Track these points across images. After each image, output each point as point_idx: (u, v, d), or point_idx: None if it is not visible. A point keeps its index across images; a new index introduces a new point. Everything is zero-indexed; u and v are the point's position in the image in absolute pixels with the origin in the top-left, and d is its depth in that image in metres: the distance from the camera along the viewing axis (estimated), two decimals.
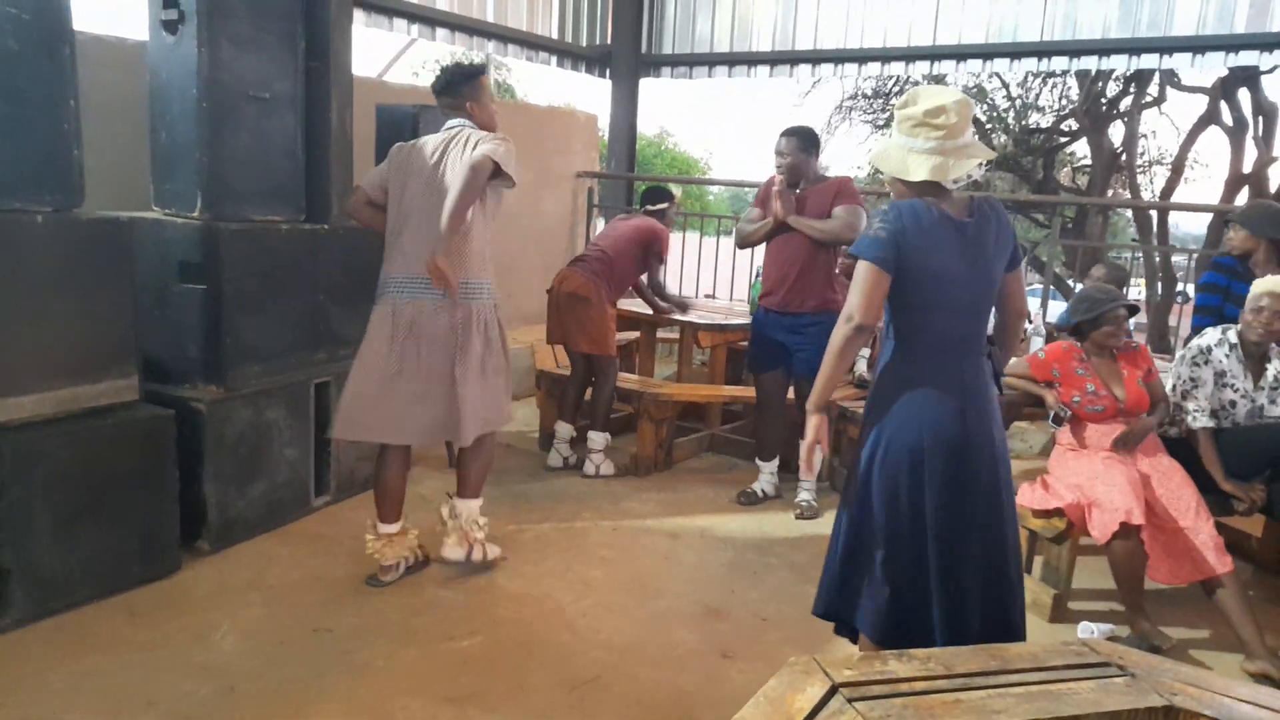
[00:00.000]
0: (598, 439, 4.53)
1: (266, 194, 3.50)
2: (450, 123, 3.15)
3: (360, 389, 3.05)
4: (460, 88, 3.15)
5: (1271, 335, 3.30)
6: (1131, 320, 3.43)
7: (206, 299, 3.28)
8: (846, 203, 3.96)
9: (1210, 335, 3.44)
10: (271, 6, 3.44)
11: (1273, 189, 9.69)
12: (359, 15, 5.65)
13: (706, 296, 7.36)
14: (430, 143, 3.11)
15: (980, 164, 2.24)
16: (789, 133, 4.03)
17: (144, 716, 2.36)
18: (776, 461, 4.38)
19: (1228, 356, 3.38)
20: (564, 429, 4.63)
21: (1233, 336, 3.39)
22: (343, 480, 3.87)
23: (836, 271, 4.07)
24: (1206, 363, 3.39)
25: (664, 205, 4.86)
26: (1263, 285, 3.32)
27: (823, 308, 3.99)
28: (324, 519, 3.73)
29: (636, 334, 5.62)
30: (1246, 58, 6.08)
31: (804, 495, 4.24)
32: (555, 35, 7.67)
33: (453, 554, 3.22)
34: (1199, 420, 3.30)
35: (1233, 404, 3.37)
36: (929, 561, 2.23)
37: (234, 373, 3.33)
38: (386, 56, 10.27)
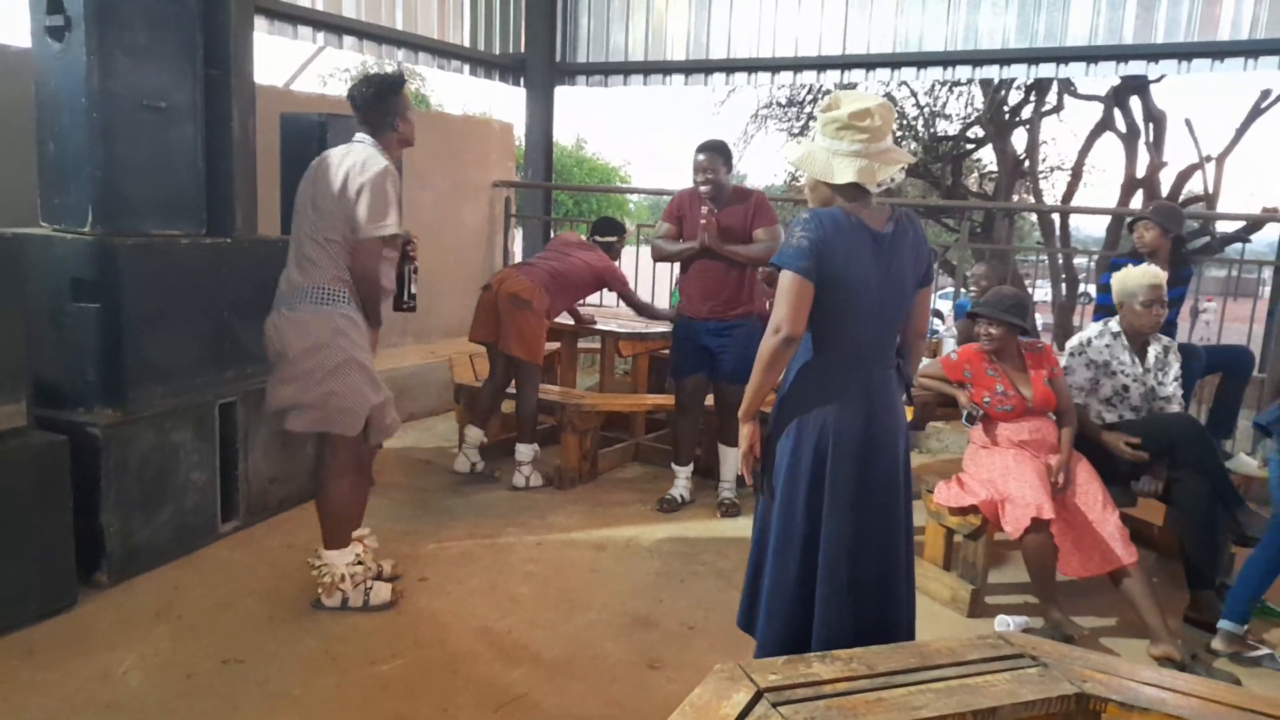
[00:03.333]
0: (526, 451, 4.48)
1: (165, 207, 3.36)
2: (353, 140, 3.03)
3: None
4: (390, 108, 3.03)
5: (1159, 323, 3.49)
6: (1040, 322, 3.55)
7: (102, 318, 3.12)
8: (766, 223, 4.00)
9: (1091, 329, 3.62)
10: (167, 13, 3.30)
11: (1164, 192, 10.20)
12: (261, 22, 5.49)
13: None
14: (321, 166, 3.00)
15: (902, 168, 2.28)
16: (708, 148, 4.00)
17: None
18: (691, 466, 4.41)
19: (1110, 346, 3.54)
20: (473, 433, 4.55)
21: (1115, 327, 3.56)
22: (253, 504, 3.73)
23: (759, 279, 4.11)
24: (1082, 353, 3.56)
25: (613, 239, 4.93)
26: (1139, 279, 3.44)
27: (745, 314, 4.08)
28: (234, 545, 3.58)
29: (557, 345, 5.58)
30: (1135, 67, 6.40)
31: (725, 494, 4.30)
32: (467, 43, 7.59)
33: (326, 602, 3.08)
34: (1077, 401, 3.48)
35: (1126, 389, 3.53)
36: (815, 565, 2.26)
37: (134, 394, 3.18)
38: (294, 65, 9.99)
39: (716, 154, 3.97)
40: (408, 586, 3.28)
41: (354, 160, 2.91)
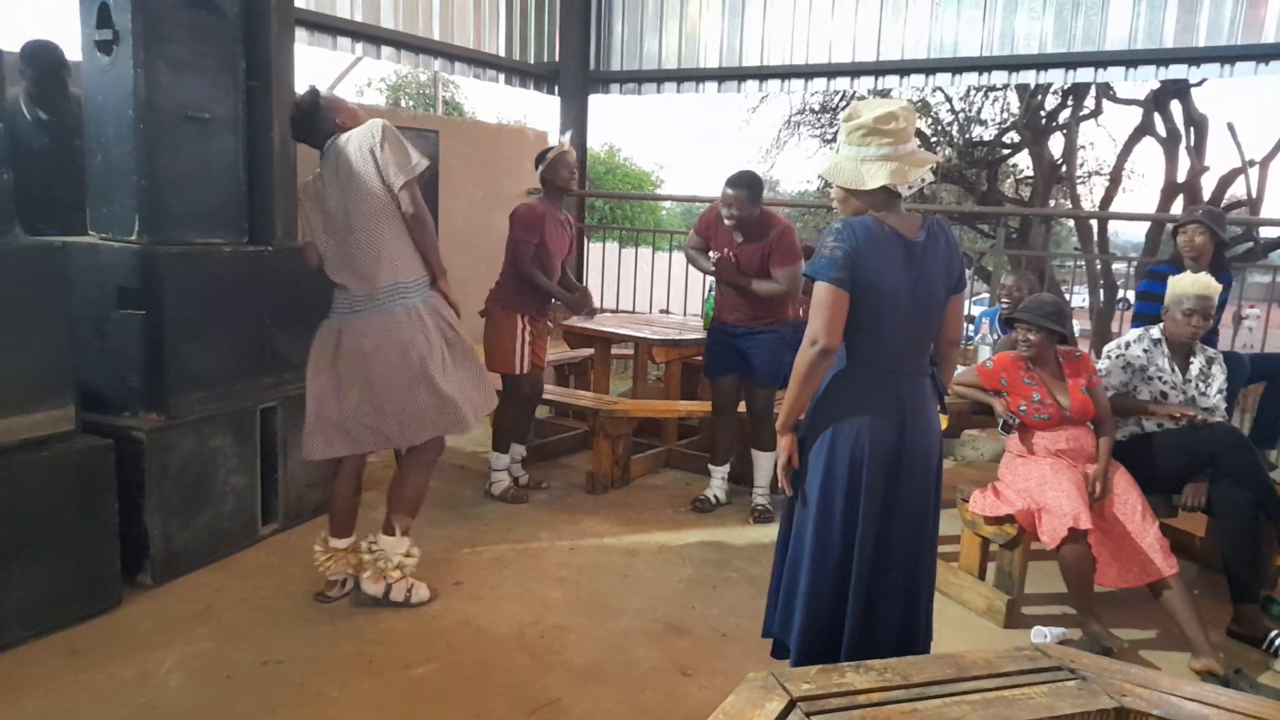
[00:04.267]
0: (496, 459, 4.41)
1: (207, 216, 3.43)
2: (333, 142, 3.05)
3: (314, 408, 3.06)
4: (317, 116, 3.06)
5: (1198, 334, 3.44)
6: (1077, 326, 3.51)
7: (146, 325, 3.20)
8: (785, 263, 3.97)
9: (1131, 334, 3.59)
10: (210, 26, 3.38)
11: (1205, 197, 10.01)
12: (301, 34, 5.60)
13: (661, 312, 7.39)
14: (326, 169, 3.04)
15: (931, 168, 2.27)
16: (737, 183, 3.96)
17: None
18: (728, 467, 4.42)
19: (1148, 352, 3.50)
20: (498, 459, 4.43)
21: (1155, 333, 3.52)
22: (291, 508, 3.79)
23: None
24: (1120, 357, 3.53)
25: (540, 167, 4.30)
26: (1188, 286, 3.41)
27: (772, 323, 4.13)
28: (272, 548, 3.64)
29: (590, 351, 5.61)
30: (1176, 71, 6.30)
31: (759, 499, 4.30)
32: (503, 53, 7.67)
33: (367, 588, 3.15)
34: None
35: (1164, 396, 3.47)
36: (850, 577, 2.25)
37: (176, 400, 3.25)
38: (332, 75, 10.17)
39: (744, 189, 3.95)
40: (442, 590, 3.31)
41: (355, 138, 2.96)
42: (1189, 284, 3.41)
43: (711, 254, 4.11)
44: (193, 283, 3.30)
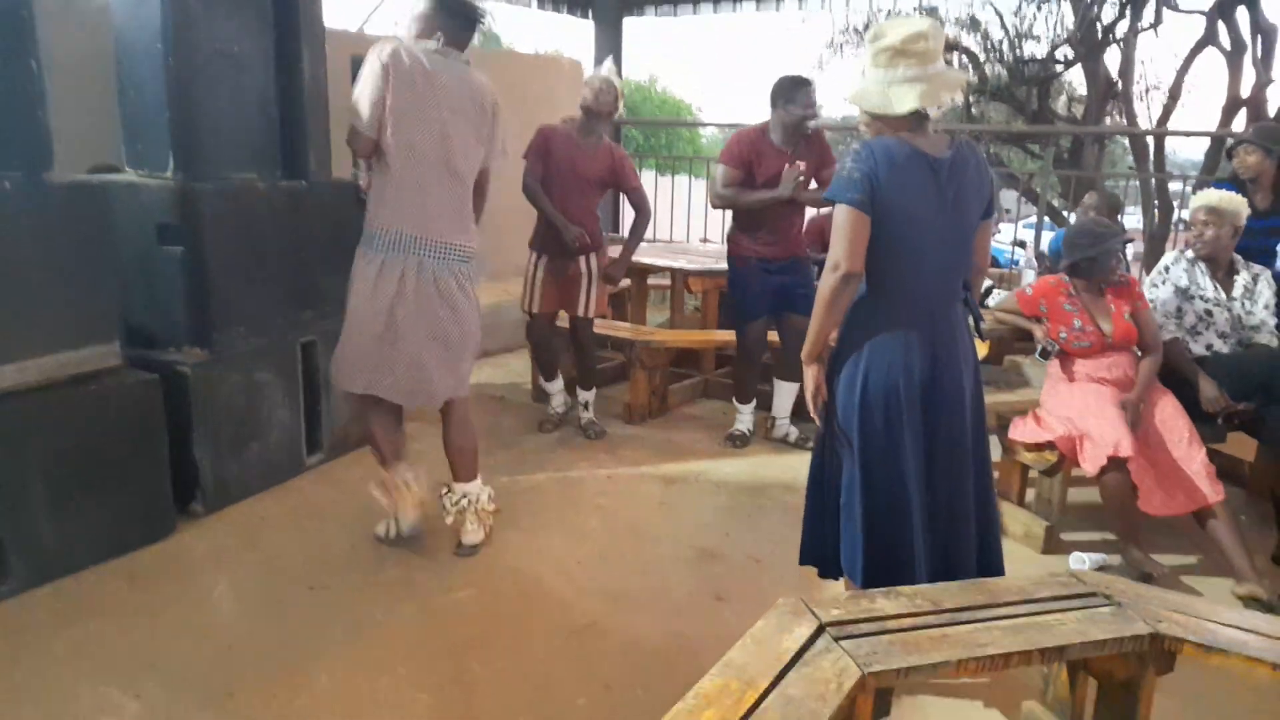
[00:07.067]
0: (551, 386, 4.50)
1: (242, 152, 3.43)
2: (459, 59, 2.89)
3: (359, 345, 2.92)
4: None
5: (1207, 246, 3.38)
6: (1130, 249, 3.43)
7: (187, 261, 3.24)
8: (832, 164, 3.94)
9: (1168, 256, 3.55)
10: None
11: (1271, 112, 9.54)
12: None
13: (701, 240, 7.32)
14: (446, 80, 2.82)
15: (964, 86, 2.18)
16: (810, 82, 3.92)
17: (146, 679, 2.39)
18: (754, 402, 4.41)
19: (1188, 271, 3.44)
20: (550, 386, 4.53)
21: (1190, 253, 3.47)
22: (335, 439, 3.87)
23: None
24: (1165, 281, 3.48)
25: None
26: (1198, 199, 3.43)
27: (802, 253, 4.18)
28: (318, 478, 3.74)
29: (627, 281, 5.58)
30: None
31: (786, 427, 4.37)
32: None
33: (472, 539, 3.13)
34: (1167, 333, 3.38)
35: (1209, 314, 3.40)
36: (909, 501, 2.21)
37: (219, 335, 3.31)
38: (366, 8, 10.04)
39: (814, 89, 3.91)
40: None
41: (486, 87, 2.93)
42: (1199, 196, 3.42)
43: (793, 170, 3.90)
44: (230, 218, 3.33)
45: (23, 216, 2.70)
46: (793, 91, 3.87)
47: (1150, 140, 10.91)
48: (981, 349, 2.39)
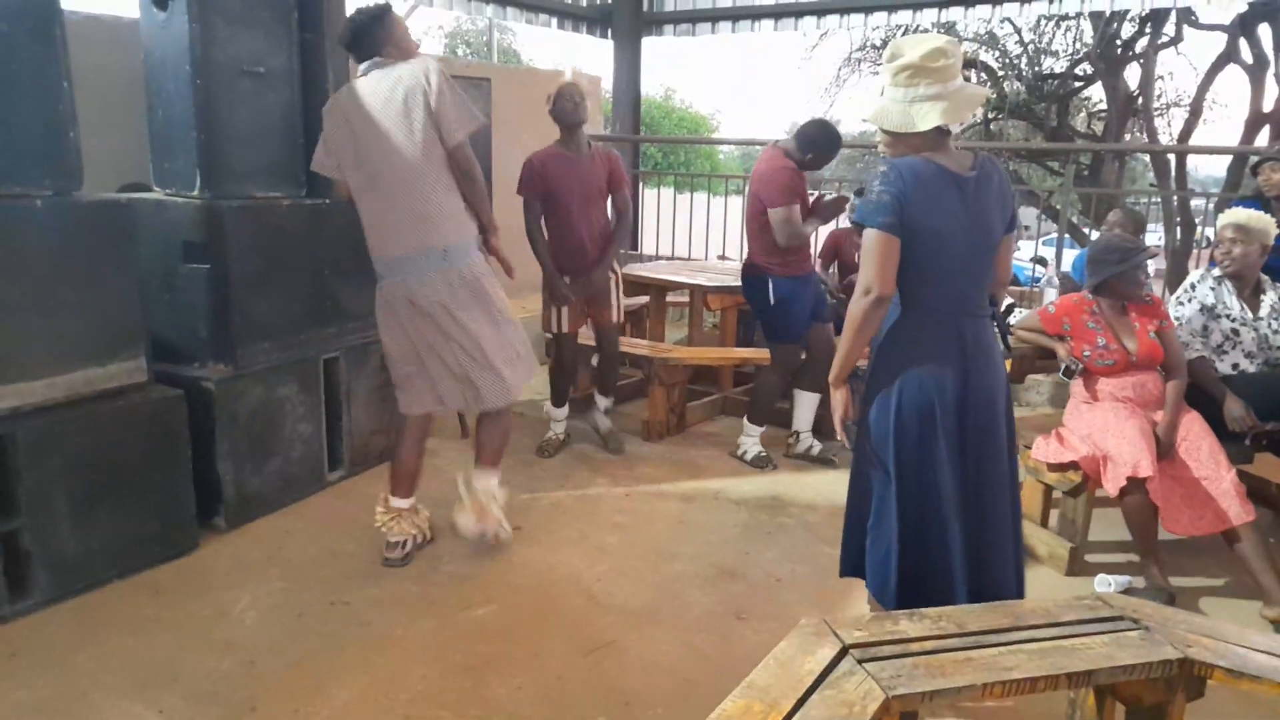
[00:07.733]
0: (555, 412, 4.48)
1: (266, 170, 3.48)
2: (374, 65, 2.92)
3: (401, 372, 3.11)
4: (374, 33, 2.91)
5: (1235, 264, 3.35)
6: (1151, 266, 3.40)
7: (212, 278, 3.28)
8: None
9: (1194, 274, 3.51)
10: None
11: None
12: None
13: (719, 257, 7.32)
14: (368, 92, 2.88)
15: (985, 102, 2.18)
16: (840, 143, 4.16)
17: (169, 692, 2.40)
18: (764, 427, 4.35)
19: (1214, 290, 3.41)
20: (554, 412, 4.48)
21: (1217, 270, 3.44)
22: (356, 454, 3.89)
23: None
24: (1190, 299, 3.44)
25: (548, 108, 4.23)
26: (1226, 217, 3.39)
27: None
28: (339, 493, 3.76)
29: (645, 298, 5.60)
30: None
31: (808, 441, 4.36)
32: None
33: (464, 522, 3.19)
34: (1193, 351, 3.33)
35: (1235, 333, 3.36)
36: (946, 520, 2.18)
37: (243, 351, 3.34)
38: None
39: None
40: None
41: (406, 78, 2.83)
42: (1231, 214, 3.38)
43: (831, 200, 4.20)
44: (255, 236, 3.37)
45: (53, 234, 2.75)
46: (830, 152, 4.06)
47: (1171, 157, 10.85)
48: (1005, 365, 2.38)
